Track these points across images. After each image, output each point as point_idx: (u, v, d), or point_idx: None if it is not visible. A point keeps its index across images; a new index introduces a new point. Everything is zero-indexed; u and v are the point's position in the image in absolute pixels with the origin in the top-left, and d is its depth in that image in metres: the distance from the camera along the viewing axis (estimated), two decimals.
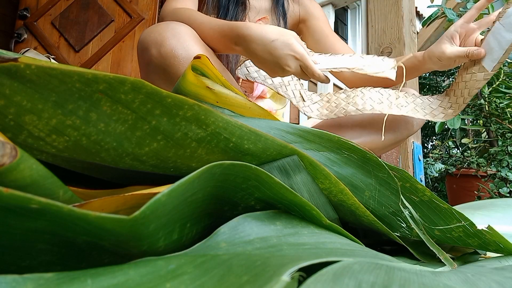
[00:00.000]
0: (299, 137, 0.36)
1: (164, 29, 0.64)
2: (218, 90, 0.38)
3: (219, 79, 0.38)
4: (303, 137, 0.36)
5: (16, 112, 0.22)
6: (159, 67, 0.64)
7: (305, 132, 0.36)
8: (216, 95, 0.38)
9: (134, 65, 1.68)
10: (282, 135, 0.36)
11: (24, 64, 0.20)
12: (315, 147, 0.37)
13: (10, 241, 0.18)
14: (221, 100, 0.39)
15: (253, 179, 0.27)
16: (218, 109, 0.38)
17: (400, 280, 0.19)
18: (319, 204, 0.34)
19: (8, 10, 2.11)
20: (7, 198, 0.15)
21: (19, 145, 0.24)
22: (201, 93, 0.38)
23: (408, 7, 1.45)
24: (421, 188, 0.35)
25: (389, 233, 0.35)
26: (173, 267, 0.18)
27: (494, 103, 1.35)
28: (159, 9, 1.72)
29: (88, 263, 0.20)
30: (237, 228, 0.25)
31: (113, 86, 0.23)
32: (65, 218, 0.17)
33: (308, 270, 0.18)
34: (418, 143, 1.38)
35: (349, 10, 1.98)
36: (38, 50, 1.75)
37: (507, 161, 1.20)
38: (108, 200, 0.22)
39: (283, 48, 0.60)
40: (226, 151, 0.30)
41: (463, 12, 1.44)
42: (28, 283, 0.15)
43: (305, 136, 0.36)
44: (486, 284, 0.22)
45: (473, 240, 0.35)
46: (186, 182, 0.21)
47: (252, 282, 0.16)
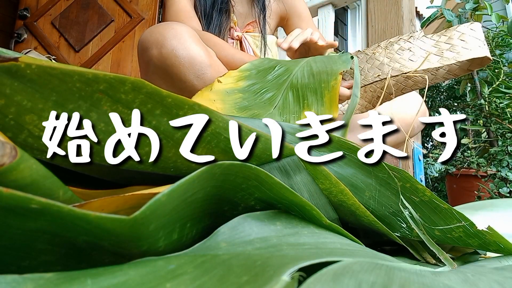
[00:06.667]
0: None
1: (165, 30, 0.64)
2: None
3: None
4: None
5: (17, 111, 0.22)
6: (160, 67, 0.64)
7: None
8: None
9: (134, 65, 1.68)
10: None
11: (24, 64, 0.20)
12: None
13: (10, 241, 0.18)
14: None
15: (253, 179, 0.27)
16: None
17: (400, 280, 0.19)
18: (319, 204, 0.34)
19: (8, 10, 2.11)
20: (7, 198, 0.15)
21: (19, 145, 0.24)
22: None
23: (408, 7, 1.45)
24: (421, 188, 0.35)
25: (389, 233, 0.35)
26: (173, 267, 0.18)
27: (494, 103, 1.35)
28: (159, 9, 1.72)
29: (88, 263, 0.20)
30: (237, 228, 0.25)
31: (114, 86, 0.23)
32: (65, 218, 0.17)
33: (308, 270, 0.18)
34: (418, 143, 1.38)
35: (349, 10, 1.98)
36: (38, 50, 1.75)
37: (507, 161, 1.20)
38: (108, 200, 0.22)
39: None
40: (226, 151, 0.30)
41: (462, 12, 1.44)
42: (28, 283, 0.15)
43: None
44: (486, 284, 0.22)
45: (473, 240, 0.35)
46: (186, 182, 0.21)
47: (252, 282, 0.16)
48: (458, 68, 0.64)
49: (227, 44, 0.76)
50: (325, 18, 1.59)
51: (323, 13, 1.60)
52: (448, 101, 1.87)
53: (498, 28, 1.44)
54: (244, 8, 0.94)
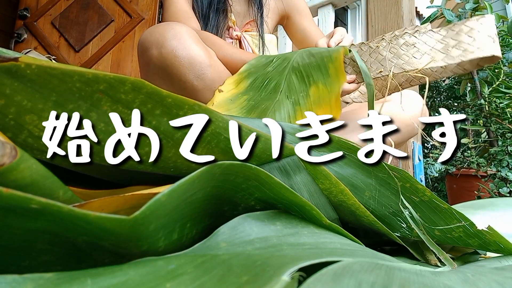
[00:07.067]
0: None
1: (165, 30, 0.64)
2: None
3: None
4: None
5: (17, 111, 0.22)
6: (160, 68, 0.64)
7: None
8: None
9: (134, 65, 1.68)
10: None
11: (24, 64, 0.20)
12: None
13: (10, 241, 0.18)
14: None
15: (253, 179, 0.27)
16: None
17: (400, 280, 0.19)
18: (319, 204, 0.34)
19: (8, 10, 2.11)
20: (7, 198, 0.15)
21: (19, 145, 0.24)
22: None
23: (408, 7, 1.45)
24: (421, 188, 0.35)
25: (389, 233, 0.35)
26: (173, 267, 0.18)
27: (494, 103, 1.35)
28: (159, 9, 1.72)
29: (88, 263, 0.20)
30: (237, 228, 0.25)
31: (114, 86, 0.23)
32: (65, 218, 0.17)
33: (308, 270, 0.18)
34: (418, 143, 1.38)
35: (349, 10, 1.98)
36: (38, 50, 1.75)
37: (507, 161, 1.20)
38: (108, 200, 0.22)
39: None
40: (226, 151, 0.30)
41: (462, 12, 1.44)
42: (28, 283, 0.15)
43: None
44: (486, 284, 0.22)
45: (473, 240, 0.35)
46: (186, 182, 0.21)
47: (252, 282, 0.16)
48: (468, 63, 0.63)
49: (226, 43, 0.76)
50: (325, 18, 1.59)
51: (323, 13, 1.60)
52: (448, 101, 1.87)
53: (498, 28, 1.44)
54: (242, 8, 0.94)
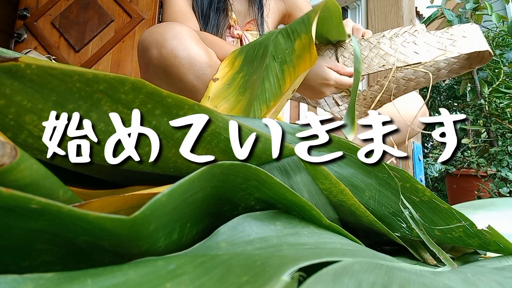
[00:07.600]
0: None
1: (165, 30, 0.64)
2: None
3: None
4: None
5: (17, 111, 0.22)
6: (160, 68, 0.64)
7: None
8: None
9: (134, 65, 1.68)
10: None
11: (24, 64, 0.20)
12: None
13: (10, 241, 0.18)
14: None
15: (253, 179, 0.27)
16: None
17: (400, 280, 0.19)
18: (319, 204, 0.34)
19: (8, 10, 2.11)
20: (7, 198, 0.15)
21: (19, 145, 0.24)
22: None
23: (408, 7, 1.45)
24: (421, 188, 0.35)
25: (389, 233, 0.35)
26: (173, 267, 0.18)
27: (494, 103, 1.35)
28: (159, 9, 1.72)
29: (88, 263, 0.20)
30: (237, 228, 0.25)
31: (114, 86, 0.23)
32: (65, 218, 0.17)
33: (308, 270, 0.18)
34: (418, 143, 1.38)
35: (349, 10, 1.98)
36: (38, 50, 1.75)
37: (507, 161, 1.20)
38: (108, 200, 0.22)
39: (315, 79, 0.61)
40: (226, 151, 0.30)
41: (462, 12, 1.44)
42: (28, 283, 0.15)
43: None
44: (486, 284, 0.22)
45: (473, 240, 0.35)
46: (186, 182, 0.21)
47: (252, 282, 0.16)
48: (459, 67, 0.65)
49: (226, 43, 0.76)
50: None
51: None
52: (448, 101, 1.87)
53: (498, 28, 1.44)
54: (243, 7, 0.94)
